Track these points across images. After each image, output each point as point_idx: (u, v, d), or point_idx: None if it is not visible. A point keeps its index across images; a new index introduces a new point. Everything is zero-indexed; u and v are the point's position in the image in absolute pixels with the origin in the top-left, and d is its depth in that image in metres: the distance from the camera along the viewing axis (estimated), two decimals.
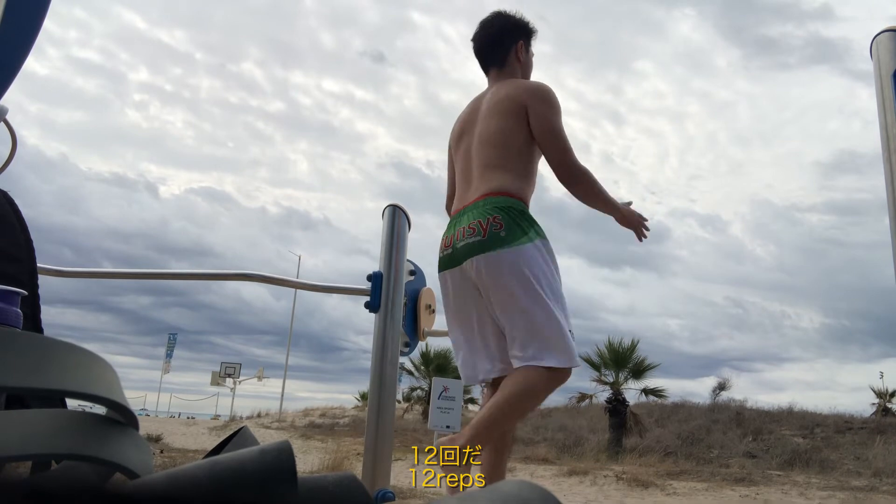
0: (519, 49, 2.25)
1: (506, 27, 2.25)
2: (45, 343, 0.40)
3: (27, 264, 1.52)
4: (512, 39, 2.24)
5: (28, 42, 1.59)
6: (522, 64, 2.26)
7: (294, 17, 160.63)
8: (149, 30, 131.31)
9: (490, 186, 2.00)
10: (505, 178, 2.01)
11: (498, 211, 1.93)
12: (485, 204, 1.97)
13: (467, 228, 1.97)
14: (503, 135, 2.06)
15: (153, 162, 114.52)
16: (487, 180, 2.02)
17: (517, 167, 2.04)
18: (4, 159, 1.80)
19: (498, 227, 1.91)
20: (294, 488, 0.37)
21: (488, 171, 2.04)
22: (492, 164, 2.04)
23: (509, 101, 2.08)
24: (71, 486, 0.27)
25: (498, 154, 2.05)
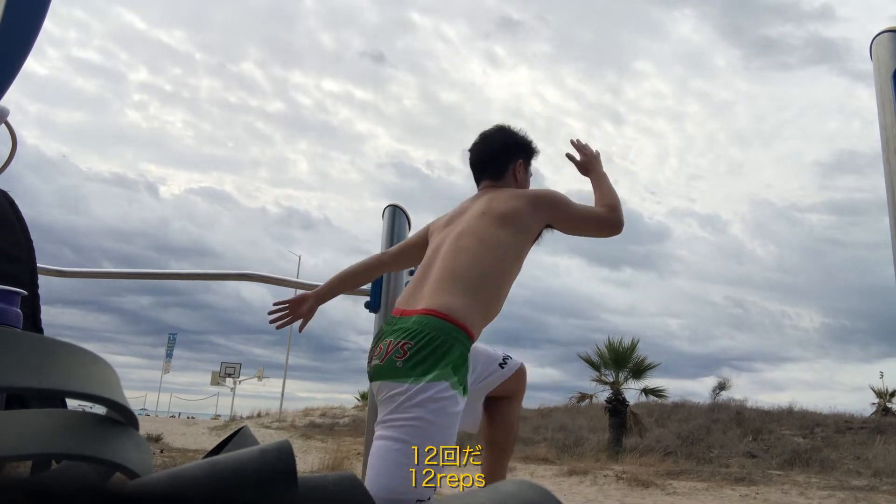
0: (518, 168, 2.11)
1: (507, 144, 2.12)
2: (45, 343, 0.40)
3: (27, 264, 1.52)
4: (511, 158, 2.11)
5: (28, 43, 1.59)
6: (519, 183, 2.11)
7: (293, 17, 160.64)
8: (148, 30, 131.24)
9: (431, 302, 1.73)
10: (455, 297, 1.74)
11: (416, 336, 1.67)
12: (414, 322, 1.70)
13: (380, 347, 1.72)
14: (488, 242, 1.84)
15: (153, 162, 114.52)
16: (436, 293, 1.76)
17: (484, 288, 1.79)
18: (4, 159, 1.80)
19: (400, 356, 1.65)
20: (294, 488, 0.37)
21: (445, 282, 1.78)
22: (452, 276, 1.79)
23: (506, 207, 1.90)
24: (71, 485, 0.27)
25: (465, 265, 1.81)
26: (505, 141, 2.13)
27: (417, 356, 1.65)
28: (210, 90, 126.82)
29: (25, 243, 1.54)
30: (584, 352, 14.59)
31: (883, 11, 34.79)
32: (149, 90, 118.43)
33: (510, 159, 2.11)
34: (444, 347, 1.66)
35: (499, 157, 2.11)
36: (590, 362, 14.32)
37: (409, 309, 1.77)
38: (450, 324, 1.70)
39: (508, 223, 1.88)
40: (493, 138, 2.15)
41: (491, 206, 1.93)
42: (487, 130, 2.18)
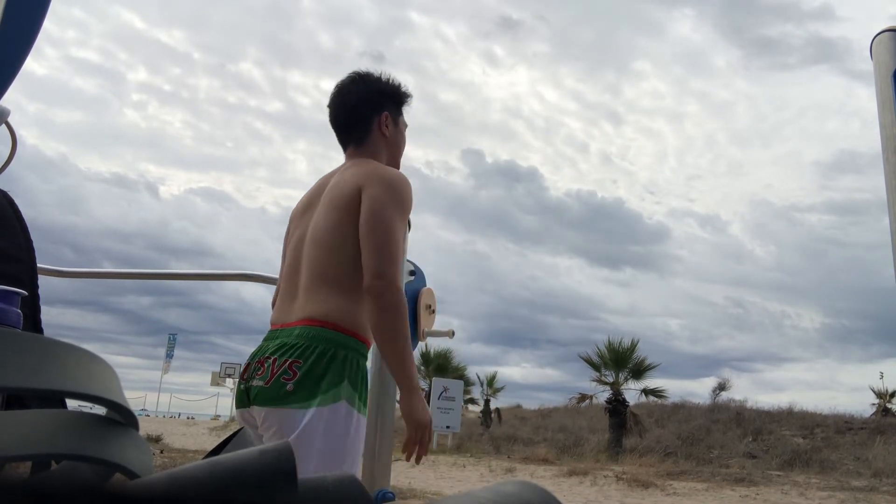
0: (383, 122, 1.79)
1: (366, 96, 1.79)
2: (45, 343, 0.40)
3: (27, 264, 1.52)
4: (373, 110, 1.78)
5: (28, 43, 1.59)
6: (389, 140, 1.80)
7: (292, 17, 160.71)
8: (147, 30, 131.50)
9: (312, 310, 1.54)
10: (335, 300, 1.54)
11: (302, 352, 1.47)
12: (298, 336, 1.51)
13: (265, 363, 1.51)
14: (336, 235, 1.60)
15: (152, 162, 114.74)
16: (313, 298, 1.56)
17: (354, 283, 1.55)
18: (4, 160, 1.80)
19: (289, 377, 1.46)
20: (294, 489, 0.37)
21: (315, 285, 1.58)
22: (320, 277, 1.58)
23: (347, 190, 1.61)
24: (71, 486, 0.27)
25: (330, 261, 1.59)
26: (362, 93, 1.79)
27: (310, 375, 1.46)
28: (209, 90, 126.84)
29: (25, 243, 1.54)
30: (585, 352, 14.62)
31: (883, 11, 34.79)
32: (148, 90, 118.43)
33: (372, 114, 1.78)
34: (336, 359, 1.49)
35: (359, 113, 1.78)
36: (590, 363, 14.32)
37: (289, 321, 1.58)
38: (338, 333, 1.52)
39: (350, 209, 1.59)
40: (349, 91, 1.80)
41: (335, 188, 1.67)
42: (342, 81, 1.83)
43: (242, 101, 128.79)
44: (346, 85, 1.82)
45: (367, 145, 1.78)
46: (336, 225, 1.61)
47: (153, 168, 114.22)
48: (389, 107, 1.82)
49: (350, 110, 1.80)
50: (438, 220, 31.41)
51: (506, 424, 17.62)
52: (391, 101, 1.83)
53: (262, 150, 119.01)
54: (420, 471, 10.02)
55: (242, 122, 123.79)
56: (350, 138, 1.80)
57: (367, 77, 1.82)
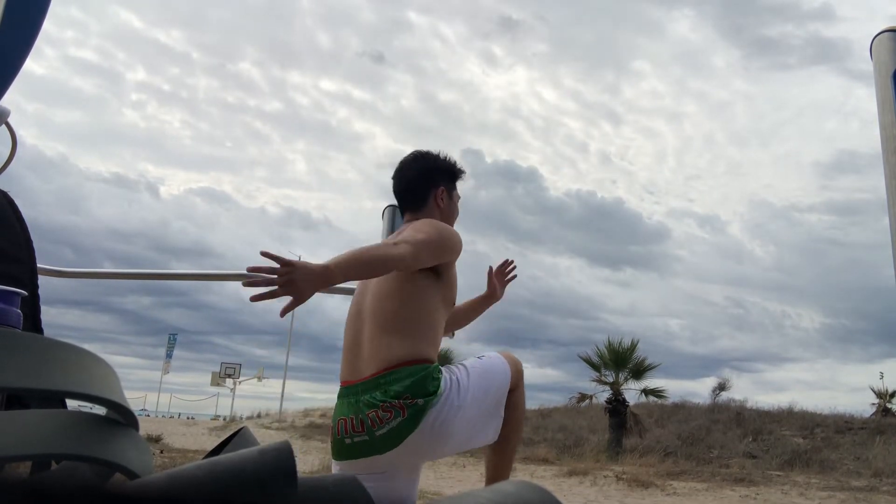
0: (439, 195, 2.01)
1: (424, 172, 2.02)
2: (45, 343, 0.40)
3: (27, 264, 1.52)
4: (431, 185, 2.01)
5: (28, 43, 1.59)
6: (443, 211, 2.01)
7: (291, 16, 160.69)
8: (146, 29, 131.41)
9: (386, 356, 1.74)
10: (403, 344, 1.75)
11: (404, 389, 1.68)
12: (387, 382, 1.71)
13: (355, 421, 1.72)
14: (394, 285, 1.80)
15: (151, 162, 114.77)
16: (382, 348, 1.76)
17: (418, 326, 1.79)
18: (4, 160, 1.80)
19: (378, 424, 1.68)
20: (294, 489, 0.37)
21: (383, 335, 1.77)
22: (387, 327, 1.78)
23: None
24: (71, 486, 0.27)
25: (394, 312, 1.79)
26: (421, 170, 2.03)
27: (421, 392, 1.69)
28: (208, 90, 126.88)
29: (25, 243, 1.54)
30: (584, 352, 14.60)
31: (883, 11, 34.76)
32: (146, 90, 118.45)
33: (429, 188, 2.01)
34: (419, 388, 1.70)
35: (417, 187, 2.02)
36: (590, 363, 14.31)
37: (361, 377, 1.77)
38: (407, 367, 1.73)
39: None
40: (410, 168, 2.05)
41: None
42: (405, 159, 2.08)
43: (241, 100, 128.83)
44: (408, 162, 2.06)
45: (423, 213, 2.01)
46: (396, 277, 1.79)
47: (152, 168, 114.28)
48: (445, 182, 2.05)
49: (409, 184, 2.03)
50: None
51: None
52: (447, 177, 2.06)
53: (262, 150, 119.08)
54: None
55: (241, 121, 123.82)
56: (408, 207, 2.05)
57: (426, 155, 2.06)
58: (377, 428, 1.70)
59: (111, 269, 3.95)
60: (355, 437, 1.74)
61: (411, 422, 1.68)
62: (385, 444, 1.70)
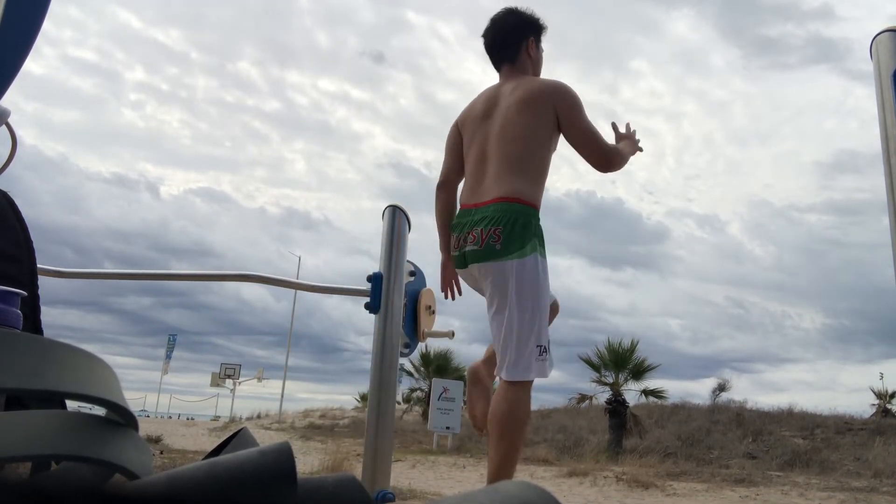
0: (530, 45, 2.28)
1: (517, 24, 2.28)
2: (45, 344, 0.40)
3: (27, 265, 1.52)
4: (523, 36, 2.27)
5: (28, 43, 1.59)
6: (533, 60, 2.29)
7: (289, 16, 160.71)
8: (144, 29, 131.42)
9: (504, 190, 2.03)
10: (520, 182, 2.04)
11: (501, 222, 1.98)
12: (495, 210, 2.01)
13: (473, 235, 2.03)
14: (527, 131, 2.09)
15: (150, 161, 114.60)
16: (503, 182, 2.04)
17: (534, 170, 2.07)
18: (4, 160, 1.80)
19: (495, 240, 1.97)
20: (294, 489, 0.37)
21: (505, 171, 2.06)
22: (509, 165, 2.06)
23: (535, 100, 2.11)
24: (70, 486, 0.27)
25: (518, 153, 2.08)
26: (514, 22, 2.28)
27: (511, 237, 1.97)
28: (206, 89, 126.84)
29: (25, 244, 1.53)
30: (584, 353, 14.59)
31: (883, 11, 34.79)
32: (145, 89, 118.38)
33: (521, 39, 2.27)
34: (528, 226, 2.00)
35: (510, 39, 2.27)
36: (590, 363, 14.30)
37: (481, 201, 2.08)
38: (523, 205, 2.02)
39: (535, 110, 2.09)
40: (504, 21, 2.29)
41: (514, 97, 2.14)
42: (496, 14, 2.31)
43: (240, 100, 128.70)
44: (502, 16, 2.30)
45: (518, 63, 2.27)
46: (526, 124, 2.09)
47: (151, 168, 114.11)
48: (534, 34, 2.31)
49: (505, 35, 2.29)
50: None
51: None
52: (534, 30, 2.32)
53: (261, 150, 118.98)
54: (420, 472, 10.02)
55: (240, 121, 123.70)
56: (504, 57, 2.29)
57: (517, 11, 2.30)
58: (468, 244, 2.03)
59: (111, 269, 3.95)
60: (466, 248, 2.07)
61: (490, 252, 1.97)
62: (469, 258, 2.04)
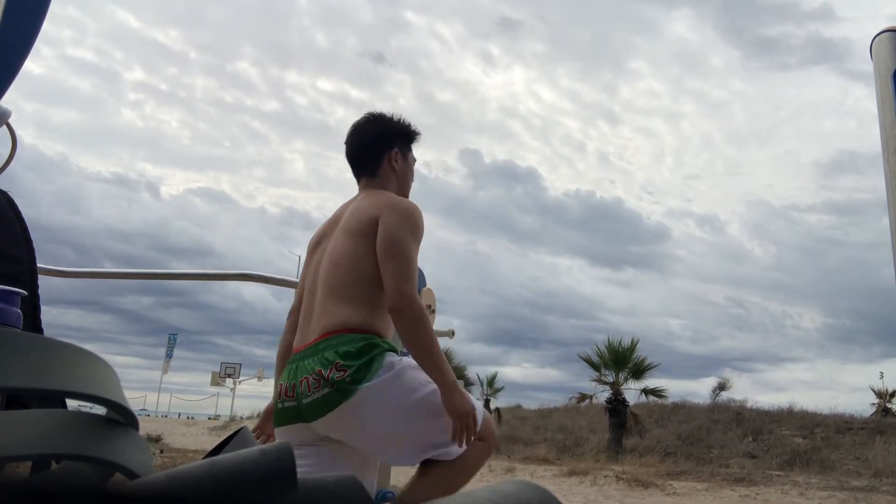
0: (393, 157, 1.97)
1: (379, 134, 1.98)
2: (45, 343, 0.40)
3: (27, 264, 1.52)
4: (385, 147, 1.97)
5: (28, 43, 1.59)
6: (398, 174, 1.98)
7: (287, 16, 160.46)
8: (143, 29, 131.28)
9: (329, 322, 1.71)
10: (348, 311, 1.71)
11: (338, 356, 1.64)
12: (325, 347, 1.67)
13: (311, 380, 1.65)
14: (352, 257, 1.76)
15: (149, 161, 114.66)
16: (328, 314, 1.73)
17: (368, 296, 1.73)
18: (4, 160, 1.80)
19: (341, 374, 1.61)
20: (294, 489, 0.37)
21: (331, 302, 1.74)
22: (335, 294, 1.75)
23: (364, 218, 1.79)
24: (71, 485, 0.27)
25: (345, 281, 1.75)
26: (375, 132, 1.98)
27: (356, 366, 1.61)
28: (205, 89, 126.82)
29: (25, 243, 1.54)
30: (585, 352, 14.60)
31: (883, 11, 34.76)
32: (144, 89, 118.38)
33: (384, 149, 1.97)
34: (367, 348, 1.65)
35: (371, 150, 1.97)
36: (590, 363, 14.31)
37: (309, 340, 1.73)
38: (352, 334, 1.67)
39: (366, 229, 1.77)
40: (363, 130, 1.99)
41: (352, 216, 1.85)
42: (358, 121, 2.02)
43: (239, 100, 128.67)
44: (361, 124, 2.00)
45: (378, 177, 1.96)
46: (352, 249, 1.77)
47: (150, 167, 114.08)
48: (399, 144, 2.00)
49: (363, 147, 1.98)
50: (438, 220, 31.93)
51: (506, 424, 17.62)
52: (401, 139, 2.01)
53: (260, 150, 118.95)
54: None
55: (239, 121, 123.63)
56: (363, 171, 1.98)
57: (379, 118, 2.00)
58: (305, 396, 1.64)
59: (111, 268, 3.95)
60: (286, 402, 1.69)
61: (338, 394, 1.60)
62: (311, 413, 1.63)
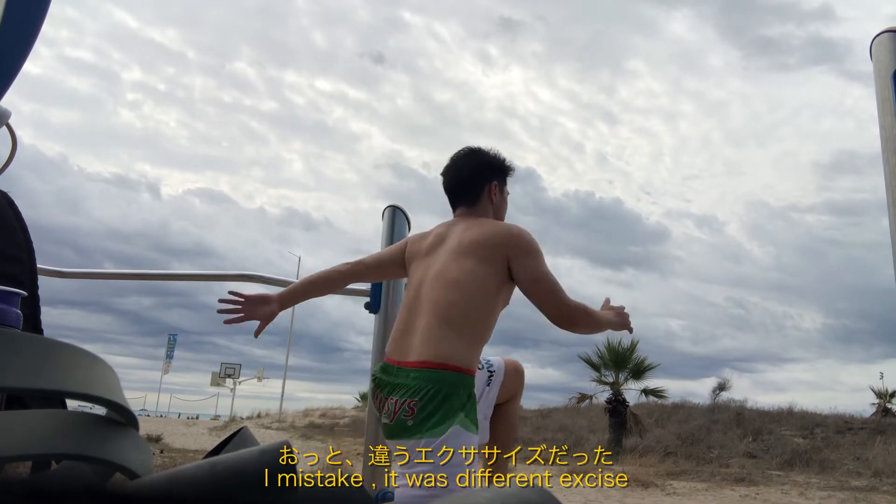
0: (492, 190, 2.06)
1: (478, 168, 2.07)
2: (45, 344, 0.40)
3: (27, 265, 1.52)
4: (485, 180, 2.06)
5: (28, 44, 1.59)
6: (495, 206, 2.08)
7: (285, 16, 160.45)
8: (141, 29, 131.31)
9: (431, 352, 1.74)
10: (451, 341, 1.76)
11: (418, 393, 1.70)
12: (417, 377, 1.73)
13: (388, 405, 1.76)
14: (469, 277, 1.82)
15: (148, 161, 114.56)
16: (432, 341, 1.76)
17: (472, 326, 1.80)
18: (4, 161, 1.80)
19: (408, 414, 1.69)
20: (294, 489, 0.37)
21: (438, 326, 1.78)
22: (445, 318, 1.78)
23: (485, 244, 1.86)
24: (71, 486, 0.27)
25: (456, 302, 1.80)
26: (476, 165, 2.07)
27: (426, 411, 1.68)
28: (203, 89, 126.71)
29: (25, 244, 1.54)
30: (585, 352, 14.60)
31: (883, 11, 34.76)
32: (142, 89, 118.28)
33: (483, 183, 2.05)
34: (450, 396, 1.70)
35: (471, 182, 2.06)
36: (590, 363, 14.31)
37: (405, 360, 1.79)
38: (450, 372, 1.73)
39: (483, 255, 1.84)
40: (464, 163, 2.08)
41: (464, 239, 1.90)
42: (457, 154, 2.12)
43: (237, 100, 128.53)
44: (461, 157, 2.11)
45: (476, 207, 2.06)
46: (469, 271, 1.83)
47: (148, 168, 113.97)
48: (497, 177, 2.09)
49: (463, 179, 2.08)
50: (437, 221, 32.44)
51: None
52: (499, 173, 2.10)
53: (258, 150, 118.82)
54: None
55: (238, 121, 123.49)
56: (461, 201, 2.08)
57: (478, 151, 2.11)
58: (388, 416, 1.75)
59: (112, 269, 3.95)
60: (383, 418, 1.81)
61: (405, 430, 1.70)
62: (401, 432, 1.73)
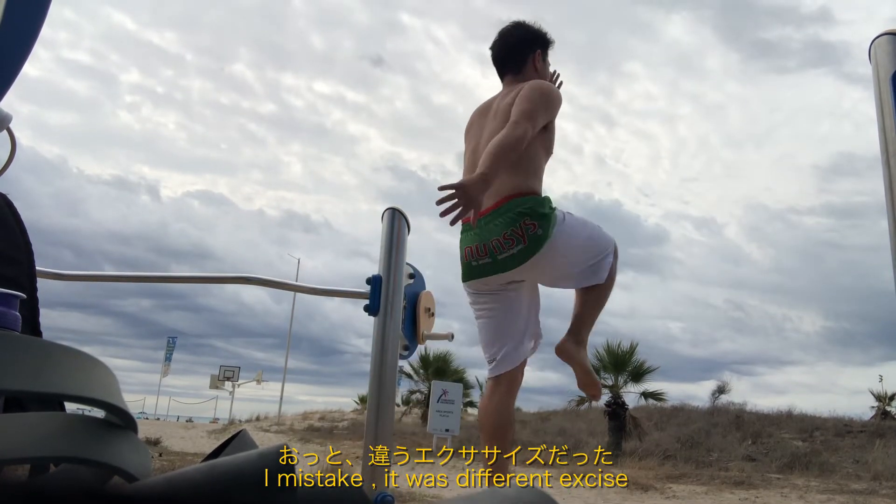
0: (536, 58, 2.34)
1: (524, 38, 2.34)
2: (44, 346, 0.40)
3: (26, 267, 1.52)
4: (529, 49, 2.33)
5: (28, 46, 1.59)
6: (539, 73, 2.33)
7: (283, 18, 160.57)
8: (139, 31, 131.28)
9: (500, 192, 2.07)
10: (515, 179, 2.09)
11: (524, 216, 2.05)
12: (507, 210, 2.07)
13: (503, 240, 2.07)
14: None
15: (146, 164, 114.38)
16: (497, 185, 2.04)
17: (526, 165, 2.12)
18: (3, 163, 1.80)
19: (533, 230, 2.04)
20: (293, 492, 0.37)
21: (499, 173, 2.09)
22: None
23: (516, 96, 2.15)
24: (69, 488, 0.27)
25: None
26: (522, 35, 2.34)
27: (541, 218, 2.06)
28: (202, 92, 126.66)
29: (24, 246, 1.53)
30: None
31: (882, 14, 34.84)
32: (141, 92, 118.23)
33: (528, 52, 2.33)
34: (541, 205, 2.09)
35: (517, 51, 2.33)
36: None
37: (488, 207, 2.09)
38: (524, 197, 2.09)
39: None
40: (511, 34, 2.35)
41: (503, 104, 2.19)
42: (505, 27, 2.37)
43: (235, 102, 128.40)
44: (509, 30, 2.37)
45: (521, 74, 2.32)
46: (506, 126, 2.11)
47: (147, 170, 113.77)
48: (541, 47, 2.37)
49: (510, 48, 2.34)
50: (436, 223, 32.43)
51: None
52: (542, 43, 2.38)
53: (257, 153, 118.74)
54: (419, 474, 10.01)
55: (236, 123, 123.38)
56: (509, 69, 2.34)
57: (523, 24, 2.36)
58: (499, 252, 2.07)
59: (111, 271, 3.95)
60: (480, 260, 2.12)
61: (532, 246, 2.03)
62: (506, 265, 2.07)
